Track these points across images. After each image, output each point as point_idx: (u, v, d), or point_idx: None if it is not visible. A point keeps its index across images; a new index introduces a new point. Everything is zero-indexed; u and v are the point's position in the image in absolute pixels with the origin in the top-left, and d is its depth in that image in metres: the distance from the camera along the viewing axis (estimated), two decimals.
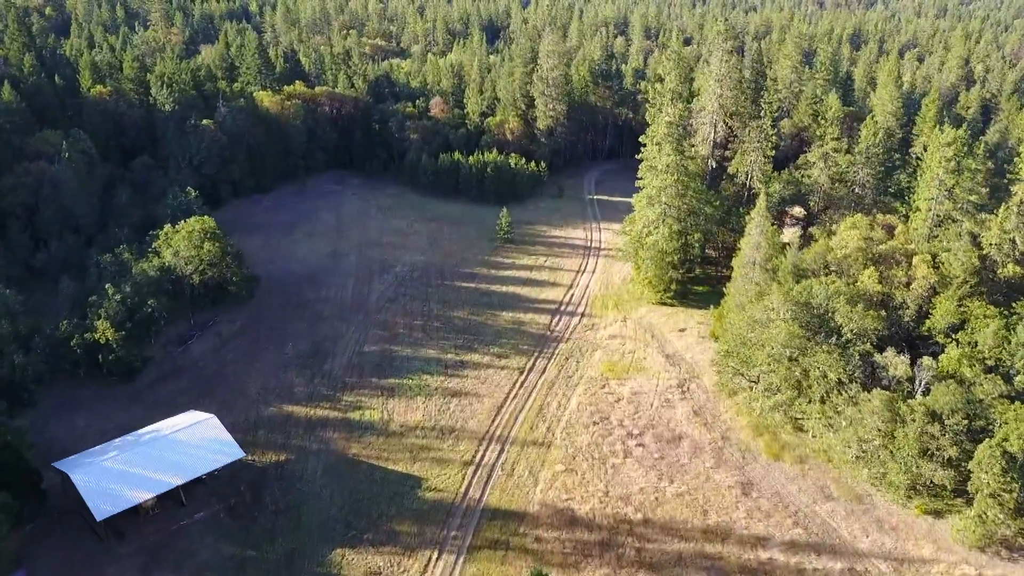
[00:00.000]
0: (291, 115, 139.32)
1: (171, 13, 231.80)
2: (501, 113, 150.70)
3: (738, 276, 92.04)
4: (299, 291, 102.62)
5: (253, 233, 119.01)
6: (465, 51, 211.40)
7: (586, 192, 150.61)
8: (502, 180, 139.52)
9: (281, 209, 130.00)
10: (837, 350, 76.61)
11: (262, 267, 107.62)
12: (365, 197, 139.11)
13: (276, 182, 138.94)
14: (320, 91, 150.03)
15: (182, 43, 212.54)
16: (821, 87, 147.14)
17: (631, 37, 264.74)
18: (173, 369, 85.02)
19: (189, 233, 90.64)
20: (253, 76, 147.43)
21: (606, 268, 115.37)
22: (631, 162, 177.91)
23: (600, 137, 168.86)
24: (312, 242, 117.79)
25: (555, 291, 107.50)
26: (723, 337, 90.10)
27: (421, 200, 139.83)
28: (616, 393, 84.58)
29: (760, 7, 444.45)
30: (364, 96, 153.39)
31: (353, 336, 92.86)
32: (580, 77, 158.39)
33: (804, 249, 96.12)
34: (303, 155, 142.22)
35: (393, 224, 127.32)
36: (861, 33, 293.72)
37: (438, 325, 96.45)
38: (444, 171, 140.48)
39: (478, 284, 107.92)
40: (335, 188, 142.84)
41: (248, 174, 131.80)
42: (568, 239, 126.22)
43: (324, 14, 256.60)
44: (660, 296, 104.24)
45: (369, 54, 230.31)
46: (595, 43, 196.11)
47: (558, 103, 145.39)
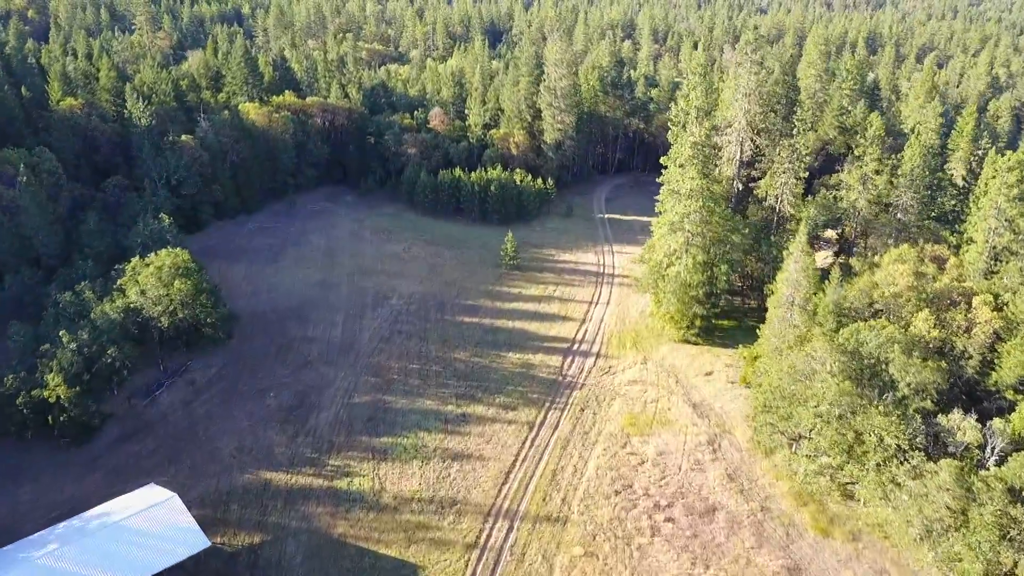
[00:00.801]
0: (280, 128, 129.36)
1: (159, 16, 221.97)
2: (505, 125, 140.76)
3: (773, 317, 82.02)
4: (283, 329, 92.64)
5: (236, 260, 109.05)
6: (466, 57, 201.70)
7: (596, 210, 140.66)
8: (507, 198, 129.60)
9: (268, 232, 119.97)
10: (895, 411, 66.72)
11: (244, 300, 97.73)
12: (359, 217, 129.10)
13: (263, 201, 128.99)
14: (312, 102, 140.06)
15: (169, 48, 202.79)
16: (848, 97, 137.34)
17: (639, 41, 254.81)
18: (137, 426, 75.01)
19: (158, 269, 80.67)
20: (239, 86, 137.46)
21: (622, 299, 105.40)
22: (643, 176, 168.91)
23: (610, 150, 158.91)
24: (300, 270, 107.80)
25: (567, 326, 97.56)
26: (758, 385, 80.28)
27: (419, 220, 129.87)
28: (639, 453, 74.60)
29: (767, 9, 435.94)
30: (359, 107, 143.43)
31: (342, 384, 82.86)
32: (589, 87, 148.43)
33: (845, 284, 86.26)
34: (292, 172, 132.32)
35: (389, 248, 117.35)
36: (876, 36, 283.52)
37: (437, 369, 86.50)
38: (444, 189, 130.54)
39: (481, 319, 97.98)
40: (327, 207, 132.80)
41: (232, 193, 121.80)
42: (579, 265, 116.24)
43: (319, 17, 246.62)
44: (683, 333, 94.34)
45: (366, 59, 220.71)
46: (603, 48, 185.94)
47: (567, 115, 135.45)
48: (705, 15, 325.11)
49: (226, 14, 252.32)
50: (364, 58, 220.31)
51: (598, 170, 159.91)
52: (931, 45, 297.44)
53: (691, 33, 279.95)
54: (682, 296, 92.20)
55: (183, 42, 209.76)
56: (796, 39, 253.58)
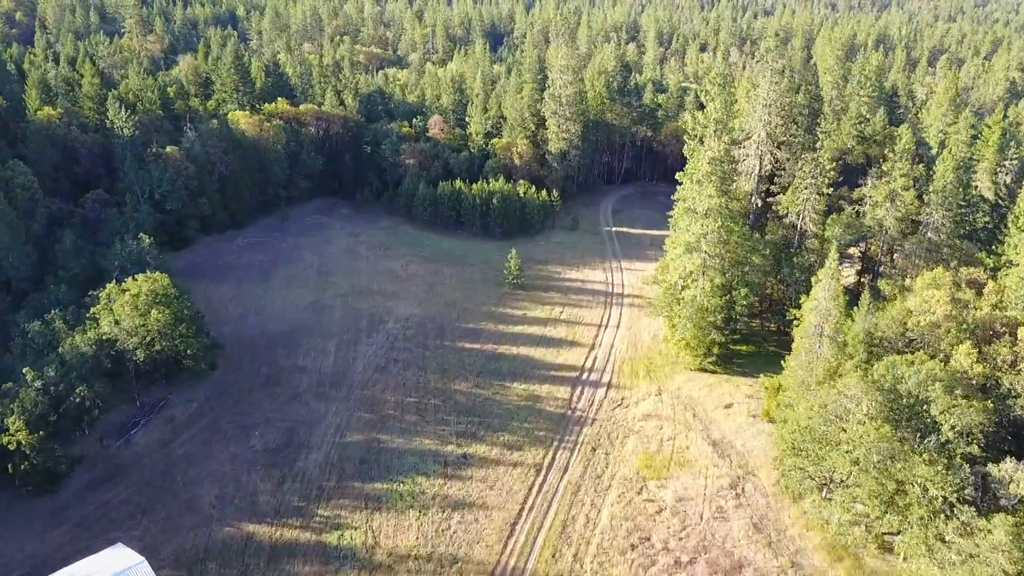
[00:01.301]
0: (271, 138, 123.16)
1: (150, 19, 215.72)
2: (508, 134, 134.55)
3: (800, 348, 75.73)
4: (272, 357, 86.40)
5: (223, 280, 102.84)
6: (467, 61, 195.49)
7: (603, 223, 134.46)
8: (510, 211, 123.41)
9: (258, 248, 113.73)
10: (941, 459, 60.54)
11: (230, 325, 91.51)
12: (354, 231, 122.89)
13: (253, 215, 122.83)
14: (305, 109, 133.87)
15: (161, 52, 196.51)
16: (866, 105, 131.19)
17: (643, 44, 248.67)
18: (109, 471, 68.76)
19: (135, 296, 74.43)
20: (229, 93, 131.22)
21: (632, 321, 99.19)
22: (651, 186, 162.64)
23: (616, 159, 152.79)
24: (291, 291, 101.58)
25: (575, 353, 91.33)
26: (783, 421, 74.18)
27: (418, 235, 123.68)
28: (657, 500, 68.38)
29: (772, 11, 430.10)
30: (355, 115, 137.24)
31: (333, 420, 76.62)
32: (596, 93, 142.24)
33: (876, 310, 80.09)
34: (285, 184, 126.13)
35: (385, 266, 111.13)
36: (884, 38, 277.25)
37: (436, 403, 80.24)
38: (444, 201, 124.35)
39: (484, 344, 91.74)
40: (321, 220, 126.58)
41: (220, 207, 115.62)
42: (586, 283, 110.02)
43: (315, 19, 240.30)
44: (700, 361, 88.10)
45: (363, 63, 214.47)
46: (608, 52, 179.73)
47: (572, 123, 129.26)
48: (711, 17, 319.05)
49: (220, 16, 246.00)
50: (361, 62, 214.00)
51: (604, 180, 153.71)
52: (941, 47, 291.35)
53: (696, 35, 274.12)
54: (699, 321, 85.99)
55: (175, 45, 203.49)
56: (804, 41, 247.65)
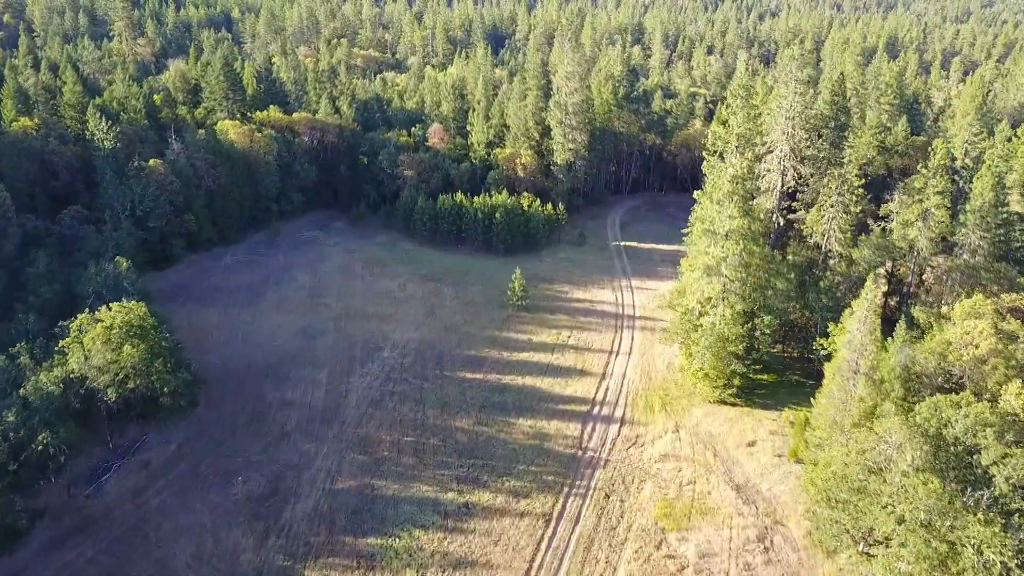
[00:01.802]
0: (262, 149, 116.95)
1: (142, 21, 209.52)
2: (511, 144, 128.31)
3: (832, 385, 69.45)
4: (259, 390, 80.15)
5: (209, 303, 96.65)
6: (468, 65, 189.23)
7: (611, 237, 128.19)
8: (513, 226, 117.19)
9: (247, 267, 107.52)
10: (998, 518, 54.32)
11: (215, 354, 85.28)
12: (349, 248, 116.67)
13: (243, 231, 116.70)
14: (299, 118, 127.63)
15: (151, 56, 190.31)
16: (886, 112, 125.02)
17: (649, 47, 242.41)
18: (76, 524, 62.54)
19: (106, 330, 68.23)
20: (218, 101, 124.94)
21: (645, 347, 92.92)
22: (660, 197, 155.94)
23: (624, 168, 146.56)
24: (281, 314, 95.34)
25: (585, 383, 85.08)
26: (812, 464, 68.05)
27: (417, 251, 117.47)
28: (678, 556, 62.13)
29: (777, 12, 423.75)
30: (351, 123, 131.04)
31: (323, 463, 70.39)
32: (603, 101, 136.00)
33: (913, 341, 73.91)
34: (276, 197, 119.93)
35: (382, 286, 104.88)
36: (895, 41, 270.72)
37: (435, 443, 73.98)
38: (444, 215, 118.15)
39: (487, 374, 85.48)
40: (314, 235, 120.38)
41: (208, 223, 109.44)
42: (595, 304, 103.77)
43: (312, 21, 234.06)
44: (719, 393, 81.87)
45: (360, 66, 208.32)
46: (614, 56, 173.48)
47: (579, 132, 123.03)
48: (717, 19, 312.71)
49: (215, 19, 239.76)
50: (359, 65, 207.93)
51: (611, 190, 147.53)
52: (952, 50, 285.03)
53: (702, 37, 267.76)
54: (718, 351, 79.82)
55: (167, 49, 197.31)
56: (814, 44, 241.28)
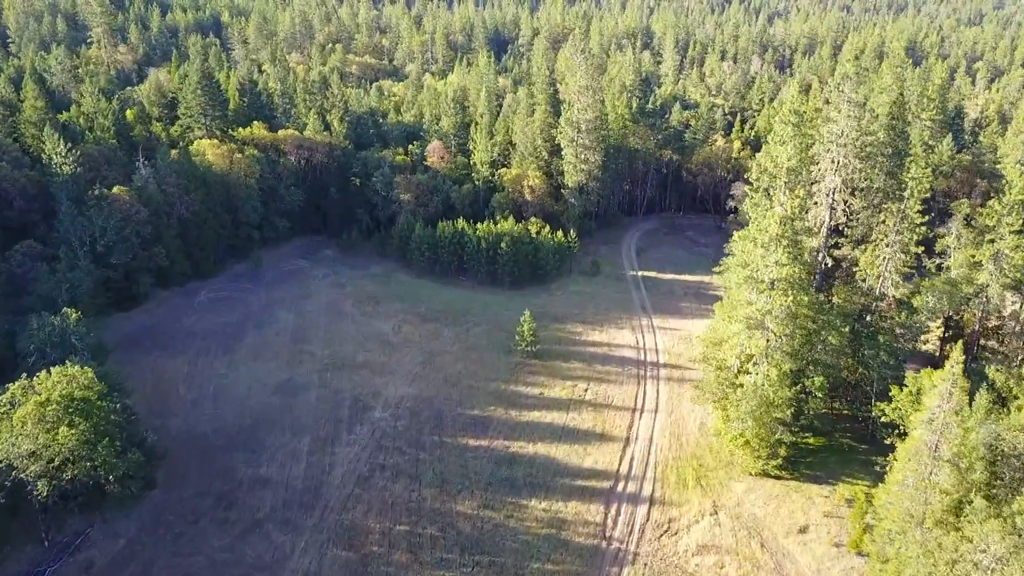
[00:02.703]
0: (243, 171, 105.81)
1: (124, 25, 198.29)
2: (517, 164, 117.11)
3: (907, 471, 58.23)
4: (228, 464, 68.94)
5: (178, 350, 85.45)
6: (470, 73, 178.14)
7: (627, 265, 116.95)
8: (520, 257, 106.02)
9: (224, 306, 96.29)
10: None
11: (180, 417, 74.15)
12: (339, 281, 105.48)
13: (221, 262, 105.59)
14: (285, 135, 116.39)
15: (133, 64, 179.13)
16: (929, 129, 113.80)
17: (661, 52, 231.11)
18: None
19: (40, 406, 57.02)
20: (195, 118, 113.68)
21: (673, 403, 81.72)
22: (678, 219, 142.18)
23: (639, 187, 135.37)
24: (259, 364, 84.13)
25: (606, 451, 73.83)
26: (882, 562, 57.01)
27: (414, 284, 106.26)
28: None
29: (785, 14, 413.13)
30: (342, 141, 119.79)
31: (301, 563, 59.11)
32: (617, 116, 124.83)
33: (994, 410, 62.77)
34: (259, 224, 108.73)
35: (374, 327, 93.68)
36: (915, 46, 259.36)
37: (433, 532, 62.75)
38: (444, 245, 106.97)
39: (493, 440, 74.23)
40: (301, 266, 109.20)
41: (180, 255, 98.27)
42: (613, 347, 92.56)
43: (305, 26, 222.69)
44: (762, 464, 70.77)
45: (356, 74, 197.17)
46: (626, 63, 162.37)
47: (592, 152, 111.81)
48: (726, 22, 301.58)
49: (204, 23, 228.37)
50: (354, 73, 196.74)
51: (624, 211, 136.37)
52: (973, 54, 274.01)
53: (712, 41, 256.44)
54: (762, 417, 68.70)
55: (151, 56, 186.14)
56: (833, 51, 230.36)
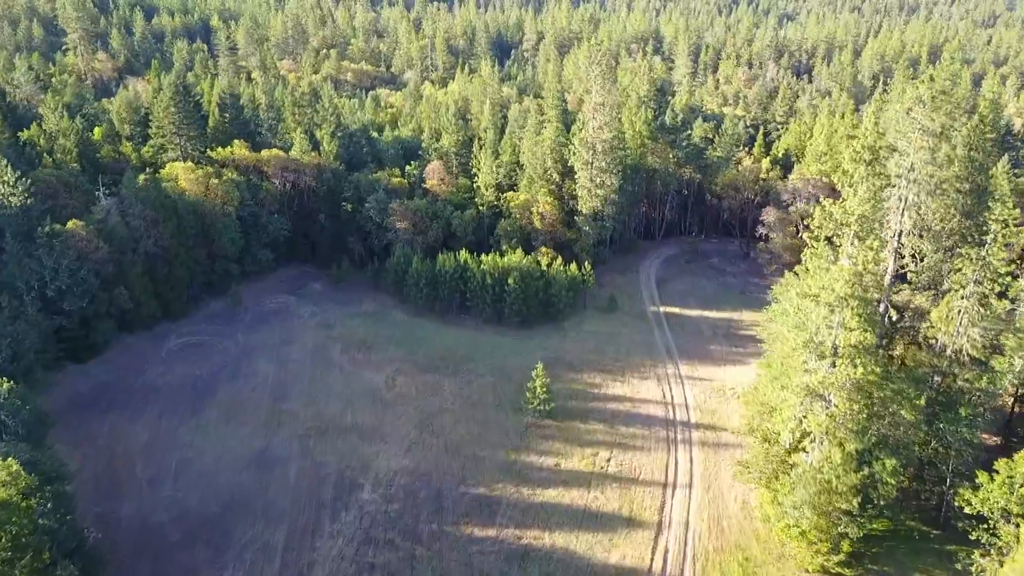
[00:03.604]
0: (220, 199, 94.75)
1: (106, 31, 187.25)
2: (526, 188, 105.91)
3: None
4: (187, 566, 57.75)
5: (139, 411, 74.37)
6: (472, 82, 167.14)
7: (647, 299, 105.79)
8: (530, 293, 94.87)
9: (195, 354, 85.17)
10: None
11: (133, 501, 63.04)
12: (327, 320, 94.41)
13: (195, 301, 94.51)
14: (268, 156, 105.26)
15: (113, 73, 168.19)
16: (980, 150, 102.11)
17: (672, 57, 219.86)
18: None
19: None
20: (168, 138, 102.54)
21: (709, 474, 70.57)
22: (700, 244, 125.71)
23: (658, 209, 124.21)
24: (231, 429, 73.04)
25: (635, 541, 62.62)
26: None
27: (410, 324, 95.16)
28: None
29: (795, 15, 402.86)
30: (332, 162, 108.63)
31: None
32: (635, 133, 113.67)
33: None
34: (239, 256, 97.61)
35: (365, 379, 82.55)
36: (938, 50, 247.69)
37: None
38: (445, 280, 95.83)
39: (502, 529, 63.02)
40: (285, 303, 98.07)
41: (148, 296, 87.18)
42: (638, 403, 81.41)
43: (298, 30, 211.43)
44: (822, 559, 59.74)
45: (351, 82, 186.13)
46: (641, 72, 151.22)
47: (610, 175, 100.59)
48: (736, 24, 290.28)
49: (192, 28, 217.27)
50: (349, 81, 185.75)
51: (641, 235, 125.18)
52: (998, 58, 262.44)
53: (722, 44, 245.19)
54: (822, 505, 57.66)
55: (133, 64, 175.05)
56: (852, 57, 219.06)
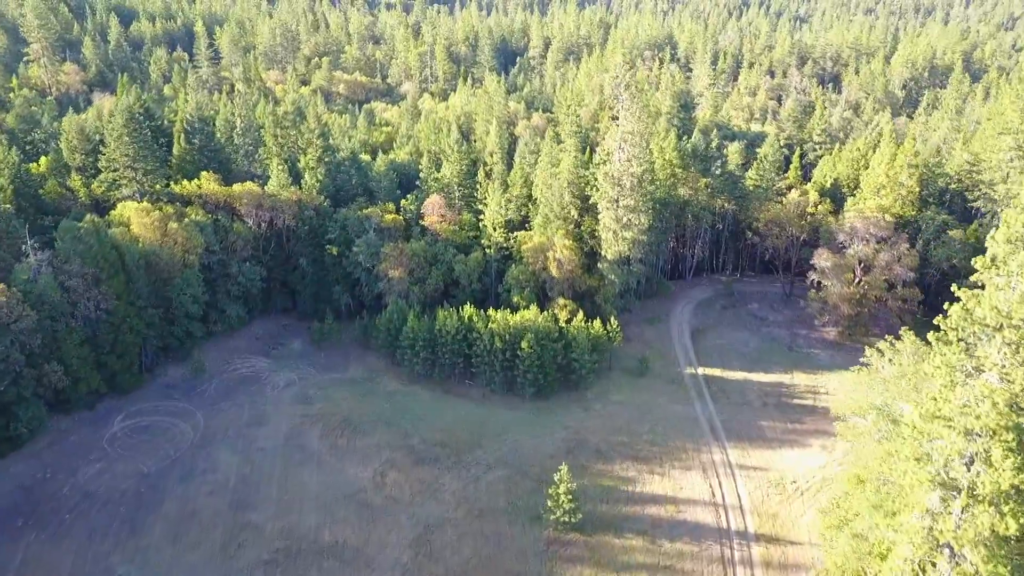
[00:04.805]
0: (181, 247, 79.93)
1: (78, 38, 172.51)
2: (540, 229, 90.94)
3: None
4: None
5: (62, 530, 59.53)
6: (475, 96, 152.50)
7: (682, 357, 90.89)
8: (547, 358, 79.95)
9: (143, 441, 70.17)
10: None
11: None
12: (306, 391, 79.50)
13: (150, 368, 79.68)
14: (241, 191, 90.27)
15: (82, 86, 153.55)
16: None
17: (689, 64, 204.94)
18: None
19: None
20: (121, 172, 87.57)
21: None
22: (735, 284, 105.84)
23: (687, 245, 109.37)
24: (178, 552, 58.18)
25: None
26: None
27: (404, 395, 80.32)
28: None
29: (808, 18, 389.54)
30: (315, 196, 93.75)
31: None
32: (665, 162, 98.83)
33: None
34: (202, 314, 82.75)
35: (348, 476, 67.57)
36: (970, 57, 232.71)
37: None
38: (446, 342, 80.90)
39: None
40: (256, 369, 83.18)
41: (88, 368, 72.30)
42: (681, 504, 66.50)
43: (288, 37, 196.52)
44: None
45: (343, 94, 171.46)
46: (664, 85, 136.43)
47: (640, 214, 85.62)
48: (751, 29, 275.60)
49: (175, 35, 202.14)
50: (341, 93, 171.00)
51: (667, 274, 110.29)
52: None
53: (741, 52, 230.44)
54: None
55: (105, 75, 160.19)
56: (883, 65, 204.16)
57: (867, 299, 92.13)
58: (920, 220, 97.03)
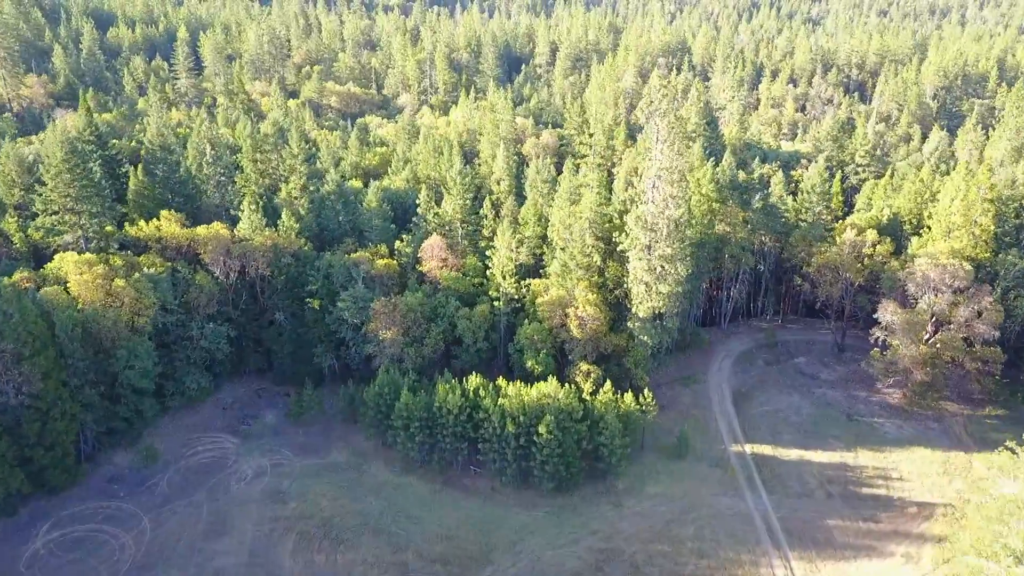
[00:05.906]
0: (128, 308, 66.31)
1: (48, 46, 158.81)
2: (558, 280, 77.11)
3: None
4: None
5: None
6: (479, 110, 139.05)
7: (725, 430, 77.18)
8: (568, 443, 66.21)
9: (72, 563, 56.52)
10: None
11: None
12: (279, 482, 65.80)
13: (90, 459, 65.98)
14: (207, 235, 76.44)
15: (47, 100, 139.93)
16: None
17: (709, 75, 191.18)
18: None
19: None
20: (61, 215, 73.72)
21: None
22: (778, 332, 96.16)
23: (723, 287, 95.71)
24: None
25: None
26: None
27: (397, 489, 66.65)
28: None
29: (820, 19, 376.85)
30: (294, 239, 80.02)
31: None
32: (701, 196, 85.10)
33: None
34: (156, 388, 69.04)
35: None
36: (1004, 64, 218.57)
37: None
38: (447, 422, 67.22)
39: None
40: (222, 450, 69.53)
41: (9, 467, 58.65)
42: None
43: (276, 44, 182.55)
44: None
45: (336, 107, 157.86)
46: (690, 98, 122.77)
47: (677, 263, 71.79)
48: (763, 32, 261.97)
49: (156, 41, 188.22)
50: (333, 106, 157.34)
51: (699, 320, 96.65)
52: None
53: (757, 56, 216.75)
54: None
55: (75, 87, 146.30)
56: (915, 70, 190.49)
57: (940, 359, 78.58)
58: (997, 265, 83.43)
